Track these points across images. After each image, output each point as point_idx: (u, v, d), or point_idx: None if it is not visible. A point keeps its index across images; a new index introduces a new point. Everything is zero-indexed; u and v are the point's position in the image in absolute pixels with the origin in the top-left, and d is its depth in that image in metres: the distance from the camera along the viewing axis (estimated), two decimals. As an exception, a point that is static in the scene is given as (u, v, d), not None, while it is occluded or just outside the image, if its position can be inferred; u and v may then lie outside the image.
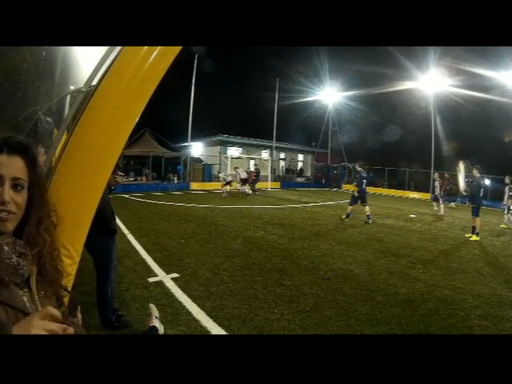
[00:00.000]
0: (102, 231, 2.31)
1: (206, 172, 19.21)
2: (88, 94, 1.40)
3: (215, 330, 2.54)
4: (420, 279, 4.00)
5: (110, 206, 2.51)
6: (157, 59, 1.39)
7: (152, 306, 2.33)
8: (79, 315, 0.90)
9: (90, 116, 1.31)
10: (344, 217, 8.43)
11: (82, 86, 1.55)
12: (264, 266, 4.22)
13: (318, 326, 2.67)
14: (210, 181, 19.02)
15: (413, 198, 18.73)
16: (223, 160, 19.89)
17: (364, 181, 8.38)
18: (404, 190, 20.57)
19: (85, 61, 1.95)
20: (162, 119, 21.40)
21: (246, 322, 2.68)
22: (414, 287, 3.70)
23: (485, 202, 6.51)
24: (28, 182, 0.70)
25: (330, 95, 24.96)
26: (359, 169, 8.57)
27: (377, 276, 4.05)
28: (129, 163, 18.56)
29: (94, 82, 1.44)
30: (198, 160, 20.40)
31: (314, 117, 26.38)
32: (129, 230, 6.05)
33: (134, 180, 17.27)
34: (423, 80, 19.10)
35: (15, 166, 0.68)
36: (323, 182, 24.54)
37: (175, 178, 17.69)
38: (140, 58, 1.36)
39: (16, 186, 0.68)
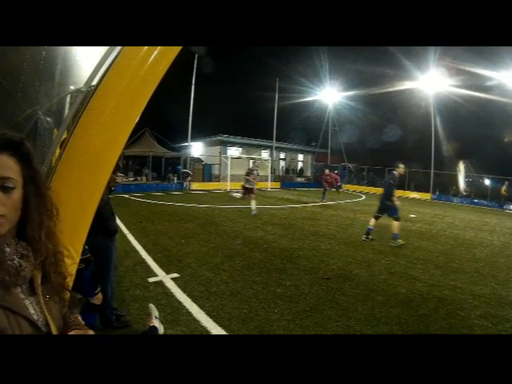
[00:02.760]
0: (101, 231, 2.31)
1: (205, 172, 19.23)
2: (88, 93, 1.40)
3: (215, 330, 2.54)
4: (420, 279, 4.00)
5: (110, 206, 2.51)
6: (157, 59, 1.39)
7: (152, 305, 2.33)
8: (80, 321, 0.88)
9: (89, 116, 1.31)
10: None
11: (82, 86, 1.54)
12: (264, 266, 4.22)
13: (318, 326, 2.67)
14: (210, 181, 19.04)
15: (413, 198, 18.75)
16: (223, 160, 19.89)
17: None
18: (404, 190, 20.58)
19: (85, 61, 1.95)
20: (162, 119, 21.43)
21: (246, 322, 2.68)
22: (414, 287, 3.70)
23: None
24: (22, 180, 0.66)
25: (329, 95, 24.99)
26: None
27: (377, 276, 4.05)
28: (128, 163, 18.57)
29: (94, 82, 1.44)
30: (198, 160, 20.41)
31: (314, 117, 26.44)
32: (129, 230, 6.05)
33: (134, 180, 17.27)
34: (423, 80, 19.11)
35: (3, 165, 0.63)
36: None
37: (175, 178, 17.71)
38: (140, 57, 1.36)
39: (4, 187, 0.62)
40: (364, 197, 17.33)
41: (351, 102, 24.65)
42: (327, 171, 13.07)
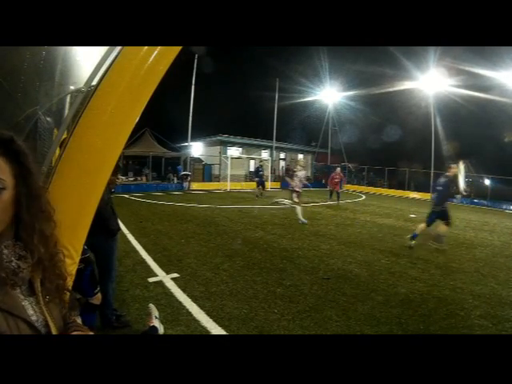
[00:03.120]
0: (102, 231, 2.31)
1: (205, 172, 19.23)
2: (88, 93, 1.40)
3: (215, 330, 2.53)
4: (420, 279, 3.99)
5: (111, 205, 2.51)
6: (157, 59, 1.39)
7: (152, 305, 2.33)
8: (79, 323, 0.88)
9: (90, 116, 1.31)
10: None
11: (82, 86, 1.55)
12: (264, 266, 4.22)
13: (318, 326, 2.67)
14: (210, 181, 19.04)
15: (413, 198, 18.74)
16: (223, 160, 19.89)
17: None
18: (404, 189, 20.59)
19: (85, 61, 1.95)
20: (162, 119, 21.43)
21: (246, 322, 2.68)
22: (414, 287, 3.70)
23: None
24: (14, 180, 0.63)
25: (329, 95, 25.01)
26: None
27: (377, 276, 4.04)
28: (128, 163, 18.58)
29: (94, 82, 1.44)
30: (198, 160, 20.41)
31: (313, 117, 26.46)
32: (129, 230, 6.04)
33: (134, 180, 17.27)
34: (423, 80, 19.12)
35: None
36: (323, 181, 24.59)
37: (175, 178, 17.72)
38: (140, 57, 1.36)
39: None
40: (364, 197, 17.33)
41: (351, 101, 24.69)
42: (338, 170, 12.86)
